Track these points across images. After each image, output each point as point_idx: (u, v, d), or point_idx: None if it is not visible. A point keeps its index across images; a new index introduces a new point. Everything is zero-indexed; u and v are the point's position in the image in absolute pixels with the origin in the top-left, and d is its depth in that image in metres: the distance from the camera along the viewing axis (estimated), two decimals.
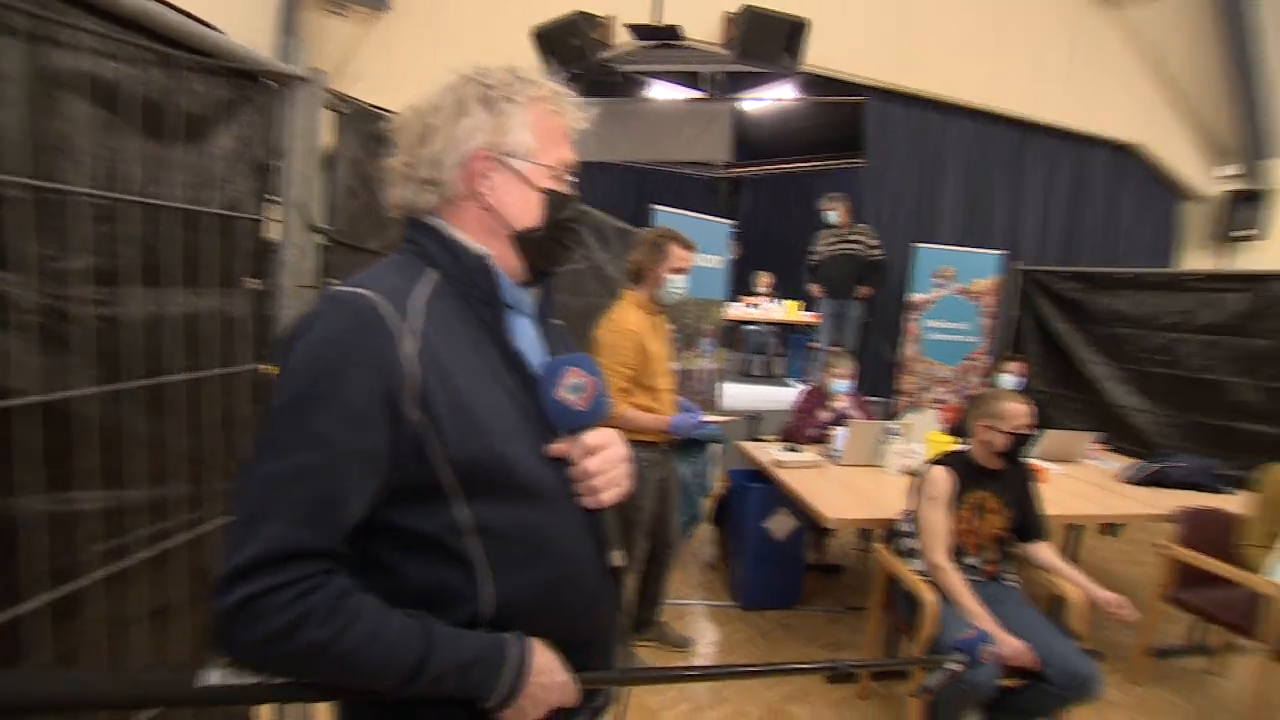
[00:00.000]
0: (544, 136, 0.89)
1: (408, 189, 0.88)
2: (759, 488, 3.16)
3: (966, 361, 5.80)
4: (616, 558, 0.90)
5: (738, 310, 6.93)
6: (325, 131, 1.54)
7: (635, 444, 2.37)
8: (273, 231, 1.46)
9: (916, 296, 5.68)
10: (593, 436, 0.87)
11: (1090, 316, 5.41)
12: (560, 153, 0.91)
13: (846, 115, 6.50)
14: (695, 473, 3.37)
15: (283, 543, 0.71)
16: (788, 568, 3.24)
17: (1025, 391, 3.54)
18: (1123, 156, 7.17)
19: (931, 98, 5.98)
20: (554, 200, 0.91)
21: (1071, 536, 3.57)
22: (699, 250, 2.57)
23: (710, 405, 4.61)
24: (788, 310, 7.00)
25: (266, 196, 1.43)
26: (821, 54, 5.29)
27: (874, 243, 5.75)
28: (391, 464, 0.76)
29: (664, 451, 2.52)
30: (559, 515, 0.85)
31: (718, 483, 4.30)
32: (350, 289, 0.79)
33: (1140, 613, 2.17)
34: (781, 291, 7.75)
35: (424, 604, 0.78)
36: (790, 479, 2.95)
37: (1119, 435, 4.93)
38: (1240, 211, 7.62)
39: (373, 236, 1.75)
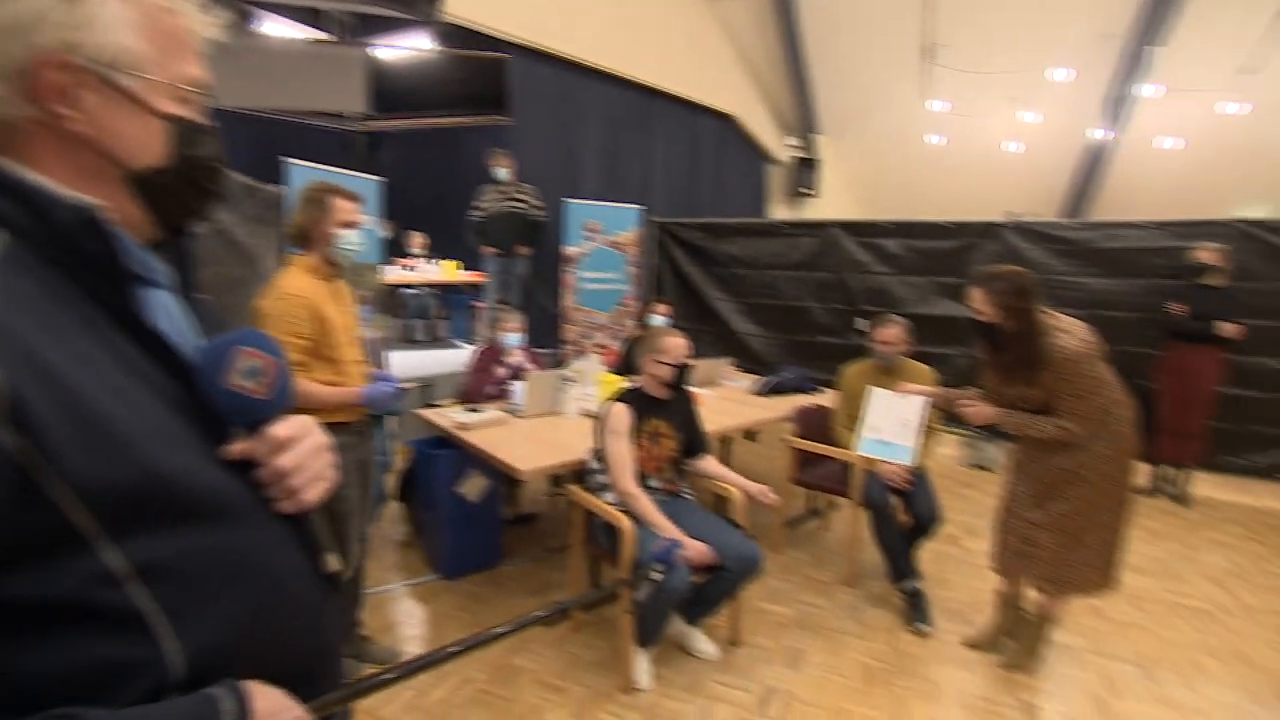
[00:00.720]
0: (158, 41, 0.67)
1: None
2: (445, 454, 3.06)
3: (619, 308, 6.34)
4: (331, 562, 0.77)
5: (394, 274, 6.53)
6: None
7: (323, 426, 2.11)
8: None
9: (570, 249, 5.99)
10: (282, 428, 0.72)
11: (713, 260, 6.31)
12: (184, 66, 0.70)
13: (491, 72, 6.43)
14: (374, 449, 3.13)
15: None
16: (486, 528, 3.22)
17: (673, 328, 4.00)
18: (725, 125, 8.40)
19: (572, 60, 6.23)
20: (184, 130, 0.70)
21: (724, 446, 4.18)
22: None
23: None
24: (446, 270, 6.81)
25: None
26: (463, 5, 5.13)
27: (538, 203, 5.87)
28: None
29: (359, 430, 2.26)
30: (251, 530, 0.69)
31: (398, 457, 4.09)
32: None
33: (778, 496, 2.65)
34: (437, 251, 7.52)
35: (75, 695, 0.56)
36: (477, 439, 2.92)
37: (744, 358, 5.90)
38: (802, 174, 9.58)
39: None
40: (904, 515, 3.00)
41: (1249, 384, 4.32)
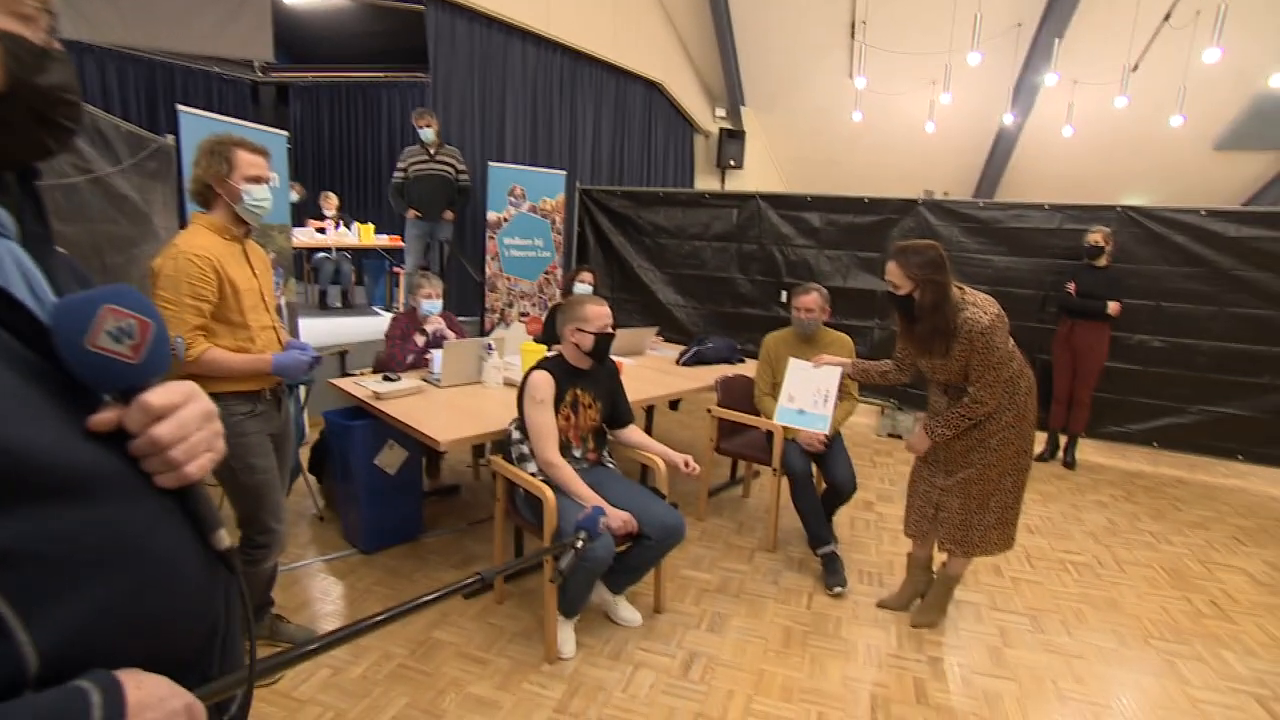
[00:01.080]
0: None
1: None
2: (361, 425, 2.95)
3: (544, 276, 6.23)
4: (221, 539, 0.71)
5: (305, 236, 6.19)
6: None
7: (233, 395, 1.97)
8: None
9: (493, 215, 5.82)
10: (158, 394, 0.64)
11: (639, 229, 6.27)
12: None
13: (409, 24, 6.10)
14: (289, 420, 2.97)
15: None
16: (405, 500, 3.13)
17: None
18: (653, 92, 8.31)
19: (494, 16, 5.98)
20: (21, 52, 0.60)
21: (648, 415, 4.19)
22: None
23: None
24: (361, 233, 6.50)
25: None
26: None
27: (463, 167, 5.65)
28: None
29: (270, 401, 2.12)
30: (124, 507, 0.62)
31: (310, 429, 3.91)
32: None
33: (701, 465, 2.68)
34: (352, 214, 7.17)
35: None
36: (394, 410, 2.82)
37: (669, 328, 5.94)
38: (729, 146, 9.62)
39: None
40: (822, 482, 3.11)
41: (1128, 358, 4.67)
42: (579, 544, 1.44)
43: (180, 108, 3.68)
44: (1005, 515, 2.49)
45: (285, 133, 4.09)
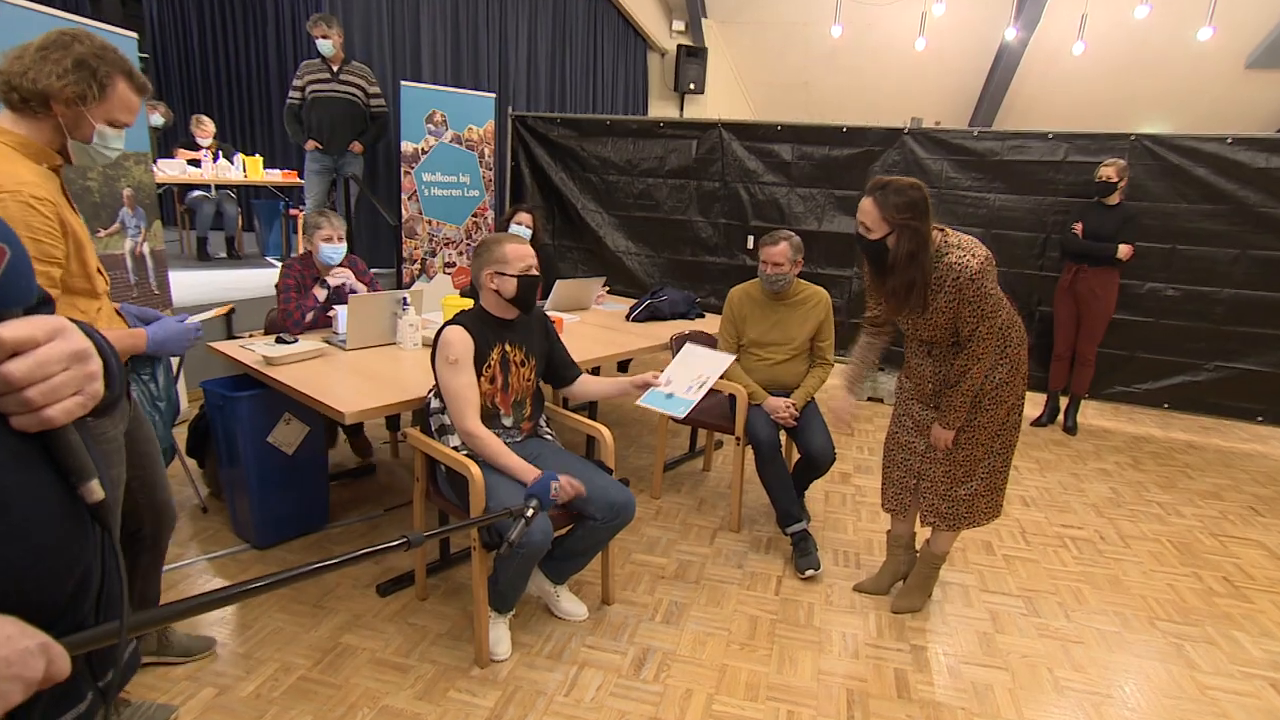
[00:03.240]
0: None
1: None
2: (250, 396, 2.86)
3: (472, 219, 6.11)
4: (92, 491, 0.75)
5: (174, 170, 5.89)
6: None
7: None
8: None
9: (409, 146, 5.65)
10: (10, 327, 0.66)
11: (582, 164, 6.18)
12: None
13: None
14: (151, 395, 2.85)
15: None
16: (307, 485, 3.06)
17: (533, 244, 3.89)
18: (600, 4, 8.13)
19: None
20: None
21: None
22: None
23: (155, 307, 3.92)
24: (248, 168, 6.24)
25: None
26: None
27: (375, 89, 5.45)
28: None
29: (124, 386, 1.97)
30: None
31: (188, 403, 3.79)
32: None
33: (655, 436, 2.68)
34: (234, 143, 6.89)
35: None
36: (289, 377, 2.74)
37: (618, 278, 5.91)
38: (687, 66, 9.50)
39: None
40: (795, 453, 3.14)
41: (1137, 309, 4.82)
42: (529, 512, 1.43)
43: None
44: (994, 480, 2.55)
45: (133, 34, 3.83)
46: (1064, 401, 5.01)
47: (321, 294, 3.42)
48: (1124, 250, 4.48)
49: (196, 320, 2.03)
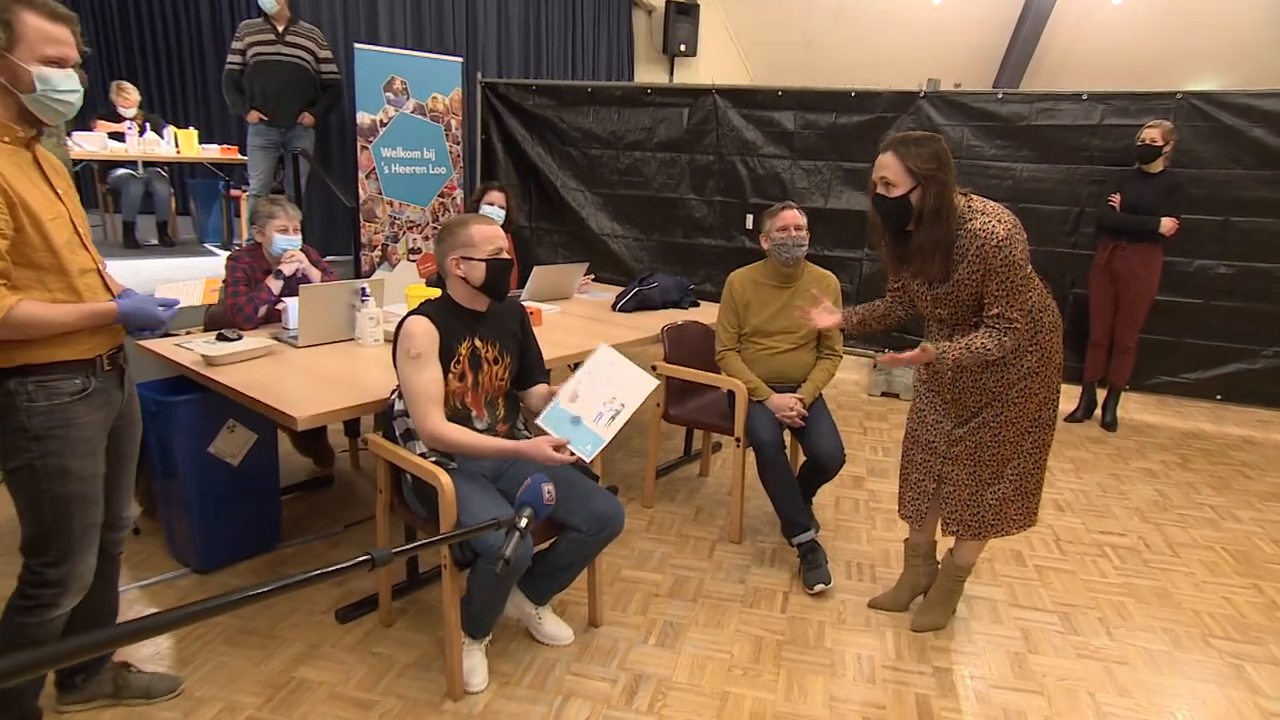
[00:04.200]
0: None
1: None
2: (188, 401, 2.86)
3: (439, 199, 6.10)
4: None
5: (93, 144, 5.82)
6: None
7: (57, 368, 1.83)
8: None
9: (365, 117, 5.64)
10: None
11: (561, 137, 6.19)
12: None
13: None
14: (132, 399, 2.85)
15: None
16: (255, 500, 3.06)
17: (506, 227, 3.90)
18: None
19: None
20: None
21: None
22: None
23: None
24: (181, 142, 6.18)
25: None
26: None
27: (325, 53, 5.44)
28: None
29: (109, 372, 1.96)
30: None
31: None
32: None
33: (647, 437, 2.69)
34: (162, 113, 6.85)
35: None
36: (233, 379, 2.74)
37: (603, 264, 5.92)
38: (677, 24, 9.51)
39: None
40: (801, 454, 3.16)
41: (1185, 289, 4.85)
42: (522, 523, 1.43)
43: None
44: (1025, 484, 2.57)
45: None
46: (1102, 394, 5.05)
47: (276, 285, 3.42)
48: (1168, 224, 4.49)
49: (170, 297, 2.03)
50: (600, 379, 2.47)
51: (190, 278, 5.07)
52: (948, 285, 2.39)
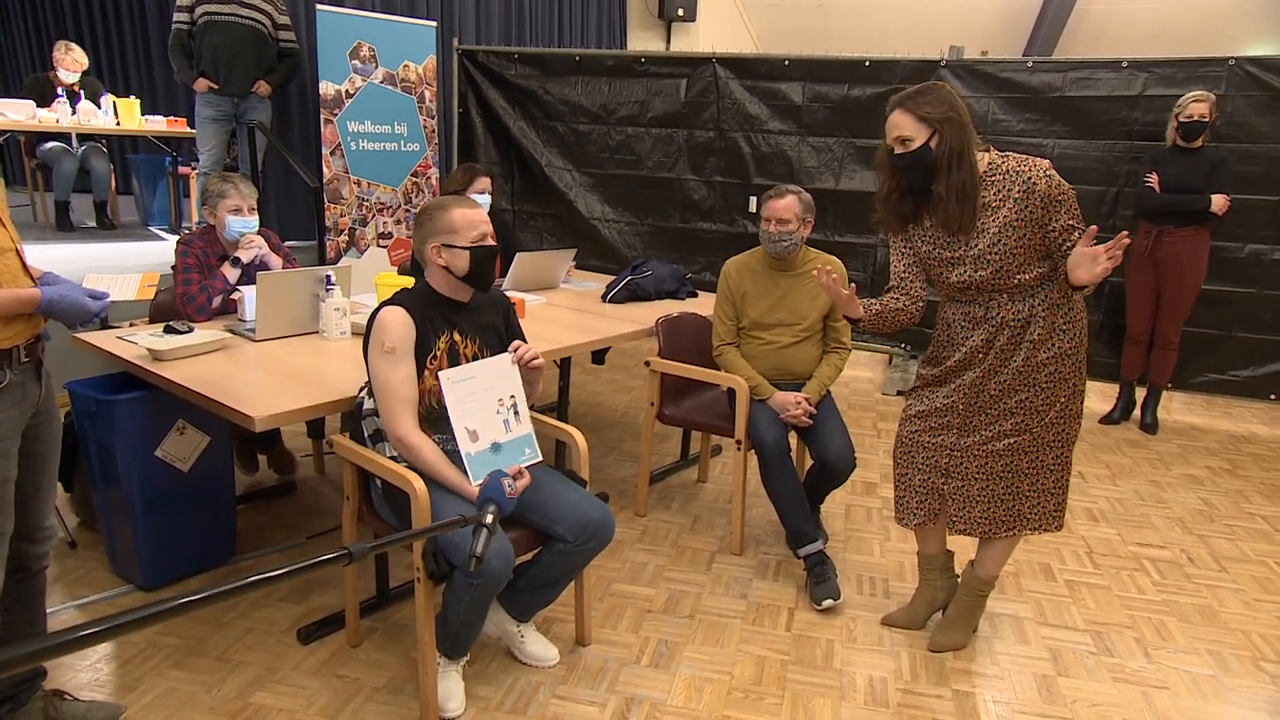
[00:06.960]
0: None
1: None
2: (132, 400, 2.87)
3: (412, 179, 6.12)
4: None
5: (20, 115, 5.71)
6: None
7: None
8: None
9: (330, 87, 5.65)
10: None
11: (546, 111, 6.21)
12: None
13: None
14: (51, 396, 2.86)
15: None
16: (209, 508, 3.08)
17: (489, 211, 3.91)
18: None
19: None
20: None
21: (562, 372, 4.19)
22: None
23: None
24: (121, 113, 6.15)
25: None
26: None
27: (284, 18, 5.44)
28: None
29: (26, 365, 1.92)
30: None
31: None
32: None
33: (641, 439, 2.71)
34: (99, 78, 6.83)
35: None
36: (182, 375, 2.75)
37: (592, 250, 5.94)
38: None
39: None
40: (808, 458, 3.18)
41: (1234, 278, 4.88)
42: (488, 519, 1.46)
43: None
44: (1061, 479, 2.60)
45: None
46: (1140, 393, 5.07)
47: (233, 274, 3.43)
48: (1219, 201, 4.49)
49: (100, 289, 2.03)
50: (471, 401, 2.41)
51: (132, 265, 5.09)
52: (989, 239, 2.40)
